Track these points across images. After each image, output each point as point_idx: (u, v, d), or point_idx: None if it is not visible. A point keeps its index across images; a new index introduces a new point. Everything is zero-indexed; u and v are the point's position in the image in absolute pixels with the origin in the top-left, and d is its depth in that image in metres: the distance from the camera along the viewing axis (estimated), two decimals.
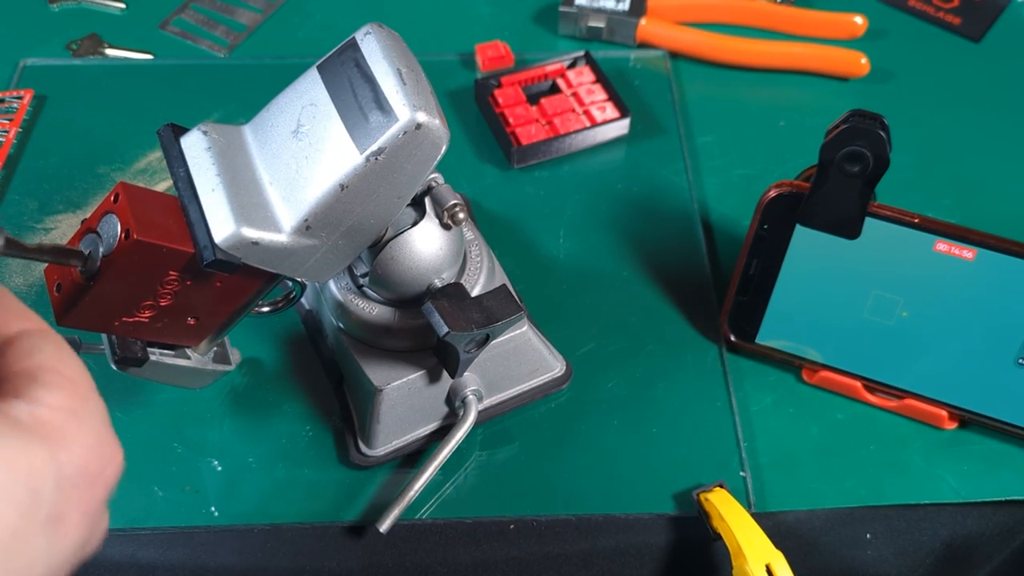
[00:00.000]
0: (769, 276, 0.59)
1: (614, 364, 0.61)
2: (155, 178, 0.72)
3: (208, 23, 0.83)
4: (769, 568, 0.50)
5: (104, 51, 0.81)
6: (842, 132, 0.52)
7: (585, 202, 0.71)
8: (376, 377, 0.53)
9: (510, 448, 0.58)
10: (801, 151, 0.73)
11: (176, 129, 0.44)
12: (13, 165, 0.72)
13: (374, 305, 0.53)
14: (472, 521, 0.55)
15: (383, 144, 0.41)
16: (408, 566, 0.55)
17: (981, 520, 0.57)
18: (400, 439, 0.56)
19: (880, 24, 0.83)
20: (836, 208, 0.55)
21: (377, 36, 0.44)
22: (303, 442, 0.58)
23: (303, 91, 0.44)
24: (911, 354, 0.58)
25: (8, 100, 0.76)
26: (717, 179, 0.72)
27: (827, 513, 0.56)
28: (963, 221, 0.57)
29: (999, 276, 0.54)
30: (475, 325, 0.49)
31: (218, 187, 0.42)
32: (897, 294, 0.56)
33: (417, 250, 0.50)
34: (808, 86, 0.79)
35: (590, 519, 0.55)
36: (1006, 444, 0.58)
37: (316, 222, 0.43)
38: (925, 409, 0.59)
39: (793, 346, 0.60)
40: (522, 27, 0.84)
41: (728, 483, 0.56)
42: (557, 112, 0.74)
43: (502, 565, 0.55)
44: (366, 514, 0.55)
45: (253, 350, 0.61)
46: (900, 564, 0.57)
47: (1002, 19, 0.85)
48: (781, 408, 0.60)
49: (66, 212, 0.69)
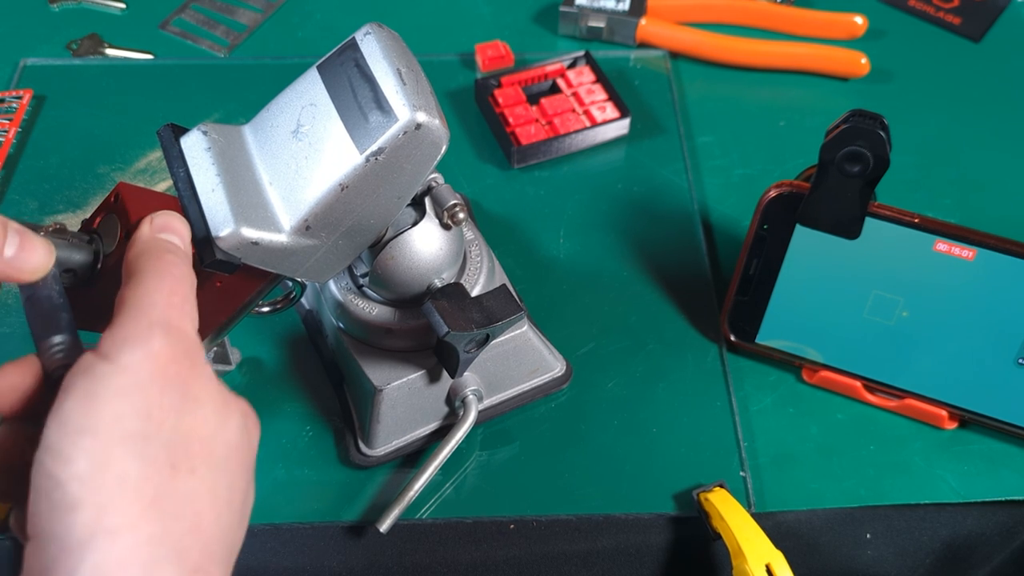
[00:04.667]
0: (769, 276, 0.59)
1: (614, 364, 0.62)
2: (155, 178, 0.72)
3: (208, 23, 0.83)
4: (769, 568, 0.50)
5: (104, 51, 0.81)
6: (842, 132, 0.52)
7: (585, 202, 0.71)
8: (376, 377, 0.53)
9: (510, 448, 0.58)
10: (801, 151, 0.73)
11: (176, 129, 0.44)
12: (13, 165, 0.72)
13: (374, 305, 0.53)
14: (472, 521, 0.55)
15: (383, 144, 0.41)
16: (408, 566, 0.55)
17: (981, 520, 0.57)
18: (400, 439, 0.56)
19: (880, 24, 0.83)
20: (836, 208, 0.55)
21: (377, 36, 0.44)
22: (303, 442, 0.58)
23: (303, 91, 0.44)
24: (911, 354, 0.58)
25: (8, 100, 0.76)
26: (717, 179, 0.72)
27: (827, 513, 0.56)
28: (963, 221, 0.57)
29: (999, 276, 0.54)
30: (475, 325, 0.49)
31: (218, 187, 0.42)
32: (897, 294, 0.56)
33: (417, 250, 0.50)
34: (808, 86, 0.79)
35: (590, 519, 0.55)
36: (1006, 444, 0.58)
37: (316, 222, 0.43)
38: (925, 409, 0.59)
39: (793, 346, 0.60)
40: (522, 27, 0.84)
41: (728, 483, 0.56)
42: (557, 112, 0.74)
43: (502, 565, 0.55)
44: (366, 514, 0.55)
45: (253, 350, 0.61)
46: (900, 564, 0.57)
47: (1002, 19, 0.85)
48: (781, 408, 0.60)
49: (66, 212, 0.69)
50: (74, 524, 0.29)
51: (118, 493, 0.30)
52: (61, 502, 0.30)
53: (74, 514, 0.30)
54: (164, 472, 0.32)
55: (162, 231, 0.38)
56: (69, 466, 0.30)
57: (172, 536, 0.31)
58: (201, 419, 0.34)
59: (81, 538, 0.29)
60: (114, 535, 0.30)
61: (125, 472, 0.31)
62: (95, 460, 0.30)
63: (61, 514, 0.30)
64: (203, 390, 0.34)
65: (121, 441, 0.31)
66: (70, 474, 0.30)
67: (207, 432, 0.34)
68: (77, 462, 0.30)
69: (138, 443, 0.31)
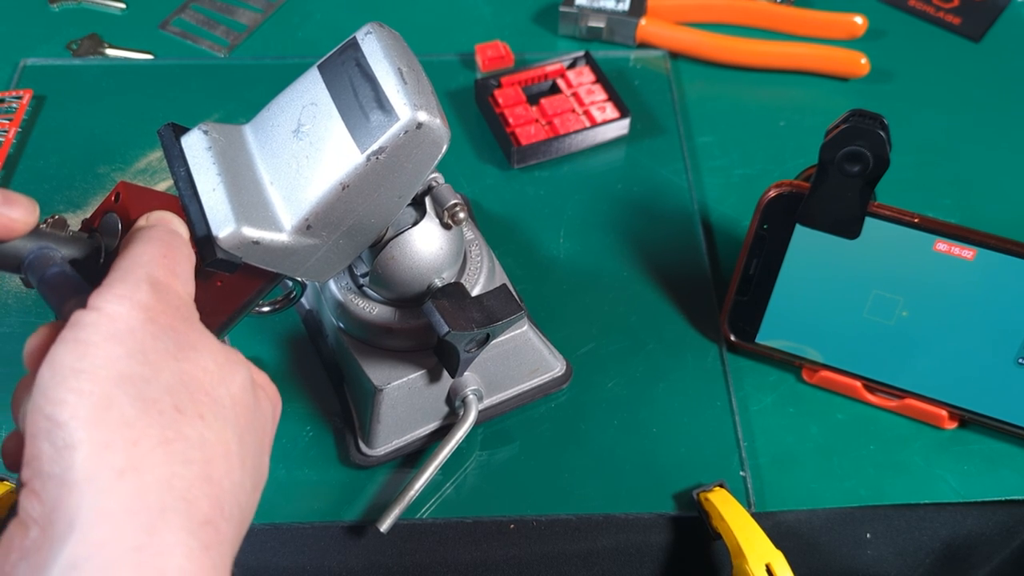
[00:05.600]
0: (769, 276, 0.59)
1: (614, 364, 0.62)
2: (155, 178, 0.72)
3: (208, 23, 0.83)
4: (769, 568, 0.50)
5: (104, 51, 0.81)
6: (842, 132, 0.52)
7: (585, 202, 0.71)
8: (376, 377, 0.53)
9: (510, 448, 0.58)
10: (801, 151, 0.73)
11: (177, 129, 0.44)
12: (13, 165, 0.72)
13: (374, 305, 0.53)
14: (472, 521, 0.55)
15: (384, 143, 0.41)
16: (408, 566, 0.55)
17: (981, 520, 0.57)
18: (400, 439, 0.56)
19: (880, 24, 0.83)
20: (836, 208, 0.55)
21: (378, 35, 0.44)
22: (303, 442, 0.58)
23: (304, 91, 0.44)
24: (911, 354, 0.58)
25: (8, 100, 0.76)
26: (717, 179, 0.72)
27: (827, 513, 0.56)
28: (963, 221, 0.57)
29: (999, 276, 0.54)
30: (475, 325, 0.49)
31: (219, 186, 0.42)
32: (897, 294, 0.56)
33: (417, 250, 0.50)
34: (808, 86, 0.79)
35: (590, 519, 0.55)
36: (1006, 444, 0.58)
37: (317, 221, 0.43)
38: (925, 409, 0.59)
39: (793, 346, 0.60)
40: (522, 27, 0.84)
41: (728, 483, 0.56)
42: (557, 112, 0.74)
43: (502, 565, 0.55)
44: (366, 514, 0.55)
45: (253, 350, 0.61)
46: (900, 564, 0.57)
47: (1002, 19, 0.85)
48: (781, 408, 0.60)
49: (66, 212, 0.69)
50: (75, 462, 0.28)
51: (121, 432, 0.29)
52: (62, 442, 0.28)
53: (75, 452, 0.28)
54: (169, 414, 0.30)
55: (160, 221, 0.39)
56: (67, 407, 0.29)
57: (181, 482, 0.30)
58: (201, 367, 0.33)
59: (84, 477, 0.28)
60: (118, 476, 0.28)
61: (126, 414, 0.29)
62: (94, 399, 0.29)
63: (61, 453, 0.28)
64: (199, 340, 0.33)
65: (118, 382, 0.30)
66: (70, 414, 0.29)
67: (209, 381, 0.33)
68: (76, 403, 0.29)
69: (137, 384, 0.30)
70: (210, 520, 0.30)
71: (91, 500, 0.28)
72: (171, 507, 0.29)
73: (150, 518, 0.29)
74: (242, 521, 0.33)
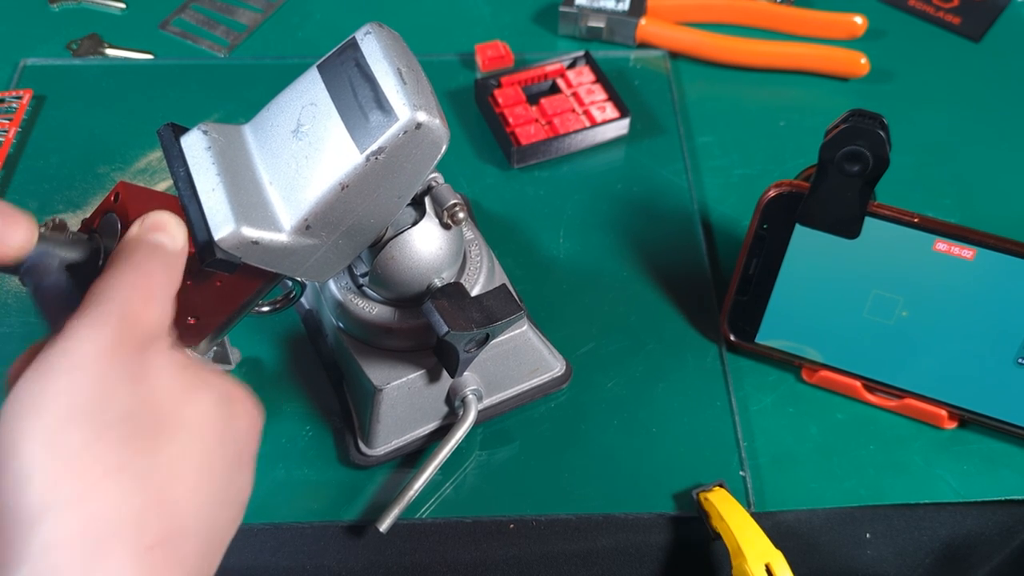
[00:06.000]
0: (769, 276, 0.59)
1: (614, 364, 0.62)
2: (155, 178, 0.72)
3: (208, 23, 0.83)
4: (769, 568, 0.51)
5: (104, 51, 0.81)
6: (842, 132, 0.52)
7: (585, 202, 0.71)
8: (376, 377, 0.53)
9: (510, 448, 0.58)
10: (801, 151, 0.73)
11: (176, 128, 0.44)
12: (13, 165, 0.72)
13: (374, 305, 0.53)
14: (472, 521, 0.55)
15: (383, 143, 0.41)
16: (408, 566, 0.55)
17: (981, 520, 0.57)
18: (400, 439, 0.56)
19: (880, 24, 0.83)
20: (836, 208, 0.55)
21: (377, 36, 0.44)
22: (303, 442, 0.58)
23: (303, 91, 0.44)
24: (911, 354, 0.58)
25: (8, 100, 0.76)
26: (717, 179, 0.72)
27: (827, 513, 0.56)
28: (963, 221, 0.57)
29: (999, 276, 0.54)
30: (475, 324, 0.49)
31: (218, 186, 0.42)
32: (897, 294, 0.56)
33: (417, 250, 0.50)
34: (808, 86, 0.79)
35: (590, 519, 0.55)
36: (1006, 444, 0.58)
37: (316, 221, 0.43)
38: (925, 409, 0.59)
39: (793, 346, 0.60)
40: (522, 27, 0.84)
41: (728, 483, 0.56)
42: (557, 112, 0.74)
43: (502, 565, 0.55)
44: (366, 514, 0.55)
45: (253, 350, 0.61)
46: (900, 564, 0.57)
47: (1002, 19, 0.85)
48: (781, 408, 0.60)
49: (66, 212, 0.69)
50: (26, 498, 0.30)
51: (70, 466, 0.30)
52: (16, 476, 0.30)
53: (27, 488, 0.30)
54: (123, 444, 0.32)
55: (152, 230, 0.38)
56: (24, 440, 0.30)
57: (128, 509, 0.31)
58: (160, 391, 0.34)
59: (33, 513, 0.29)
60: (66, 507, 0.30)
61: (77, 445, 0.31)
62: (46, 435, 0.30)
63: (14, 488, 0.30)
64: (159, 366, 0.34)
65: (70, 416, 0.31)
66: (26, 447, 0.30)
67: (172, 403, 0.34)
68: (30, 439, 0.30)
69: (89, 416, 0.31)
70: (162, 541, 0.32)
71: (40, 532, 0.29)
72: (112, 534, 0.31)
73: (96, 546, 0.30)
74: (213, 531, 0.34)
